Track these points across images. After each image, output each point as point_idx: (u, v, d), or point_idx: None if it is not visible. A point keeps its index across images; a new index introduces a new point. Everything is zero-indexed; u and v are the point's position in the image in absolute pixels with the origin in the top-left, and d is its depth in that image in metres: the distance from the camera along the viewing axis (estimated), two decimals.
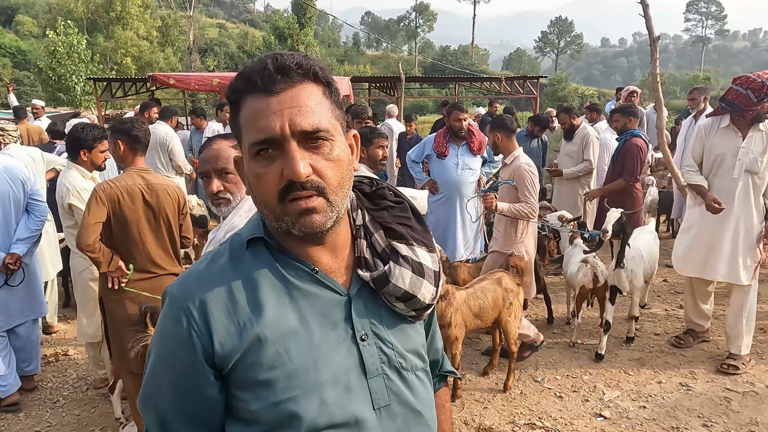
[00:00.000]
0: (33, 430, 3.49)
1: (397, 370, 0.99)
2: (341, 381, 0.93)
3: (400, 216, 1.06)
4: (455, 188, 4.91)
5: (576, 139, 6.40)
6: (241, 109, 0.93)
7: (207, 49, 48.91)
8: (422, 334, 1.10)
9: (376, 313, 1.00)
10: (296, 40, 37.33)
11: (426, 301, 1.03)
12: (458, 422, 3.50)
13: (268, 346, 0.90)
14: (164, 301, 0.96)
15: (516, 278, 3.86)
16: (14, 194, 3.62)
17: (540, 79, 17.95)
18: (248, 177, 0.94)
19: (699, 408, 3.61)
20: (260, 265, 0.96)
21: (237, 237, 1.01)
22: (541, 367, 4.20)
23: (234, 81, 0.94)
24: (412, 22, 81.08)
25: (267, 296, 0.93)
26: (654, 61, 5.33)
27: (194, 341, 0.90)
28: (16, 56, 41.53)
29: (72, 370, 4.25)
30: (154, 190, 3.16)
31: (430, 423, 1.05)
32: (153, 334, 0.98)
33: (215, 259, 0.98)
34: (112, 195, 3.04)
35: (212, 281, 0.94)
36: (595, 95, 38.48)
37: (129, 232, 3.11)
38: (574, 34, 79.89)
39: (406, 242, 1.04)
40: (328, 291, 0.97)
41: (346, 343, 0.95)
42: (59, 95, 25.73)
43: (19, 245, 3.62)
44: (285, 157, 0.89)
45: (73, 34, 25.37)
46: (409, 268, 1.01)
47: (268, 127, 0.89)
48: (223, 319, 0.91)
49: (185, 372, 0.91)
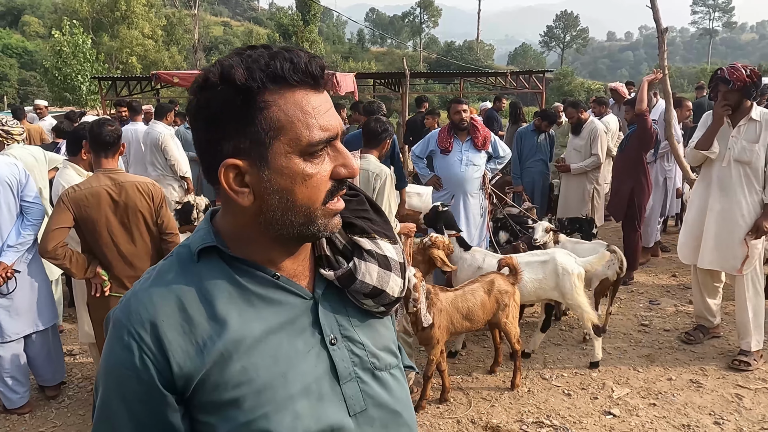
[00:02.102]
0: (38, 430, 3.48)
1: (370, 372, 0.95)
2: (313, 391, 0.88)
3: (358, 209, 1.01)
4: (459, 184, 4.85)
5: (584, 133, 6.34)
6: (277, 102, 0.82)
7: (212, 48, 49.01)
8: (391, 329, 1.06)
9: (343, 314, 0.96)
10: (301, 38, 37.31)
11: (395, 294, 0.99)
12: (465, 420, 3.46)
13: (232, 363, 0.83)
14: (107, 328, 0.88)
15: (510, 278, 3.81)
16: (1, 197, 3.41)
17: (546, 73, 17.87)
18: (283, 180, 0.83)
19: (710, 405, 3.55)
20: (215, 275, 0.88)
21: (184, 248, 0.93)
22: (549, 364, 4.15)
23: (275, 68, 0.81)
24: (416, 18, 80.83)
25: (226, 309, 0.86)
26: (662, 53, 5.29)
27: (148, 366, 0.82)
28: (22, 56, 41.74)
29: (77, 369, 4.24)
30: (123, 188, 3.07)
31: (409, 422, 1.01)
32: (99, 367, 0.88)
33: (162, 275, 0.90)
34: (77, 199, 2.99)
35: (161, 299, 0.85)
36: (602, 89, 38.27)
37: (100, 235, 3.05)
38: (579, 28, 79.44)
39: (368, 236, 0.99)
40: (291, 296, 0.91)
41: (315, 350, 0.90)
42: (65, 95, 25.86)
43: (9, 253, 3.39)
44: (338, 156, 0.87)
45: (79, 34, 25.47)
46: (375, 262, 0.96)
47: (330, 125, 0.85)
48: (178, 339, 0.83)
49: (142, 401, 0.83)
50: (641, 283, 5.86)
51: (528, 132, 6.99)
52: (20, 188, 3.48)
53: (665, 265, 6.45)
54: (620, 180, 5.78)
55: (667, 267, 6.35)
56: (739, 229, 3.88)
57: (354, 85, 10.07)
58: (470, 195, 4.87)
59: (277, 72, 0.81)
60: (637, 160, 5.60)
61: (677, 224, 8.18)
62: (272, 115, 0.82)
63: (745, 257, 3.89)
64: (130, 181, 3.11)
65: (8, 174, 3.42)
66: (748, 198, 3.86)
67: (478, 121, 4.96)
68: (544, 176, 6.92)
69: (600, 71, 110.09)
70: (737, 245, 3.90)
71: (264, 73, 0.81)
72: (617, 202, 5.77)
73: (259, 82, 0.81)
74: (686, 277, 5.88)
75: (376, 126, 3.73)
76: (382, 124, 3.76)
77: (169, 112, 6.62)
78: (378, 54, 65.65)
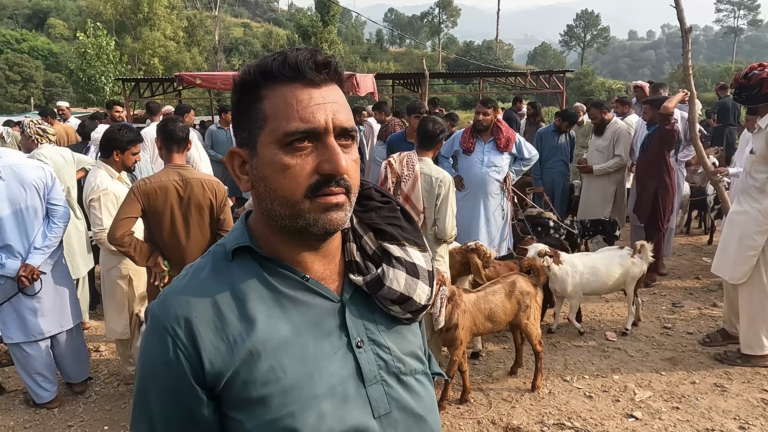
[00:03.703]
0: (66, 424, 3.56)
1: (395, 376, 0.96)
2: (338, 392, 0.89)
3: (389, 216, 1.02)
4: (479, 185, 4.84)
5: (607, 134, 6.28)
6: (268, 95, 0.88)
7: (232, 49, 49.49)
8: (419, 335, 1.07)
9: (370, 318, 0.97)
10: (320, 38, 37.48)
11: (422, 302, 1.00)
12: (486, 421, 3.46)
13: (261, 362, 0.86)
14: (146, 321, 0.92)
15: (531, 279, 3.80)
16: (28, 199, 3.45)
17: (566, 73, 17.70)
18: (265, 169, 0.88)
19: (735, 410, 3.51)
20: (247, 275, 0.91)
21: (219, 248, 0.96)
22: (570, 366, 4.13)
23: (265, 65, 0.88)
24: (435, 18, 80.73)
25: (257, 308, 0.88)
26: (686, 53, 5.22)
27: (182, 362, 0.85)
28: (48, 58, 42.61)
29: (103, 366, 4.32)
30: (189, 184, 3.17)
31: (433, 427, 1.01)
32: (138, 358, 0.92)
33: (197, 273, 0.93)
34: (147, 191, 3.09)
35: (196, 297, 0.89)
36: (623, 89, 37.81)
37: (164, 227, 3.14)
38: (600, 27, 78.53)
39: (397, 243, 1.00)
40: (320, 298, 0.93)
41: (341, 352, 0.92)
42: (89, 96, 26.30)
43: (35, 255, 3.45)
44: (325, 151, 0.86)
45: (102, 36, 25.92)
46: (403, 269, 0.98)
47: (313, 117, 0.85)
48: (210, 336, 0.86)
49: (176, 395, 0.86)
50: (664, 285, 5.80)
51: (548, 133, 6.95)
52: (47, 191, 3.54)
53: (689, 267, 6.36)
54: (643, 181, 5.73)
55: (690, 269, 6.27)
56: (744, 238, 3.88)
57: (374, 85, 10.10)
58: (491, 195, 4.85)
59: (267, 68, 0.87)
60: (660, 159, 5.55)
61: (700, 225, 8.09)
62: (262, 107, 0.88)
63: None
64: (196, 177, 3.21)
65: (35, 177, 3.48)
66: (748, 206, 3.87)
67: (502, 123, 4.94)
68: (564, 177, 6.88)
69: (621, 70, 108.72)
70: (740, 255, 3.92)
71: (258, 69, 0.88)
72: (642, 203, 5.71)
73: (253, 77, 0.89)
74: (710, 279, 5.80)
75: (434, 128, 3.65)
76: (440, 125, 3.68)
77: (188, 113, 6.71)
78: (397, 54, 65.67)
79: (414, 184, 3.56)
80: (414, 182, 3.56)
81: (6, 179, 3.38)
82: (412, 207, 3.56)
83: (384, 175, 3.62)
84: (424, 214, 3.61)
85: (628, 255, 4.51)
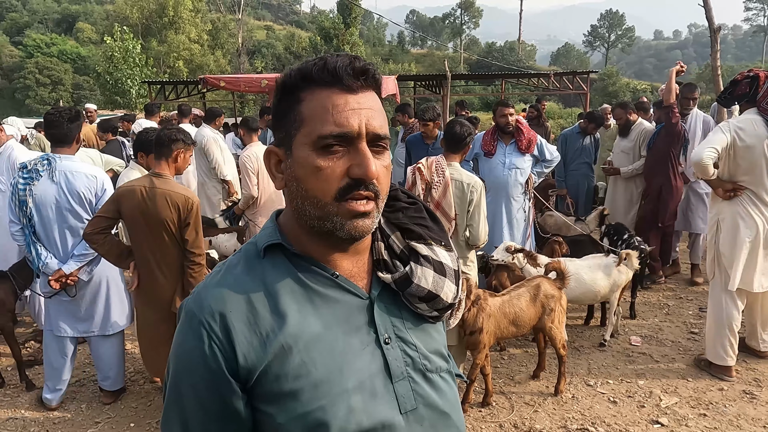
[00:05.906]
0: (93, 420, 3.63)
1: (422, 373, 0.98)
2: (367, 387, 0.91)
3: (416, 216, 1.06)
4: (501, 188, 4.81)
5: (632, 135, 6.17)
6: (306, 99, 0.91)
7: (255, 51, 49.94)
8: (443, 334, 1.10)
9: (398, 316, 0.99)
10: (342, 40, 37.62)
11: (448, 300, 1.02)
12: (508, 425, 3.44)
13: (292, 356, 0.88)
14: (180, 316, 0.94)
15: (556, 282, 3.76)
16: (74, 207, 3.46)
17: (590, 74, 17.50)
18: (298, 169, 0.91)
19: (765, 417, 3.43)
20: (279, 272, 0.94)
21: (251, 245, 0.99)
22: (594, 371, 4.09)
23: (306, 69, 0.91)
24: (457, 19, 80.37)
25: (288, 304, 0.91)
26: (714, 53, 5.15)
27: (217, 355, 0.87)
28: (76, 62, 43.57)
29: (129, 364, 4.39)
30: (152, 195, 3.10)
31: (458, 424, 1.03)
32: (170, 352, 0.94)
33: (230, 270, 0.96)
34: (119, 193, 3.17)
35: (230, 292, 0.91)
36: (648, 90, 37.25)
37: (133, 232, 3.20)
38: (625, 27, 77.45)
39: (424, 242, 1.03)
40: (349, 295, 0.95)
41: (369, 348, 0.94)
42: (116, 98, 26.81)
43: (70, 262, 3.49)
44: (356, 155, 0.89)
45: (129, 39, 26.41)
46: (430, 267, 1.00)
47: (346, 122, 0.88)
48: (244, 330, 0.88)
49: (211, 388, 0.88)
50: (690, 289, 5.70)
51: (573, 134, 6.88)
52: (96, 200, 3.51)
53: None
54: (649, 178, 5.76)
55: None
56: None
57: (396, 87, 10.09)
58: (513, 198, 4.81)
59: (307, 71, 0.91)
60: (666, 156, 5.55)
61: None
62: (300, 109, 0.91)
63: None
64: (162, 188, 3.12)
65: (83, 186, 3.46)
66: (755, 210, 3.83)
67: (523, 124, 4.90)
68: (588, 179, 6.80)
69: (646, 71, 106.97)
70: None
71: (298, 73, 0.92)
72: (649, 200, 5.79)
73: (293, 80, 0.92)
74: None
75: (462, 131, 3.60)
76: (467, 128, 3.64)
77: (218, 117, 6.80)
78: (418, 56, 65.61)
79: (445, 190, 3.51)
80: (445, 189, 3.51)
81: (57, 183, 3.44)
82: (444, 214, 3.50)
83: (412, 180, 3.60)
84: (456, 221, 3.57)
85: (613, 263, 4.34)
